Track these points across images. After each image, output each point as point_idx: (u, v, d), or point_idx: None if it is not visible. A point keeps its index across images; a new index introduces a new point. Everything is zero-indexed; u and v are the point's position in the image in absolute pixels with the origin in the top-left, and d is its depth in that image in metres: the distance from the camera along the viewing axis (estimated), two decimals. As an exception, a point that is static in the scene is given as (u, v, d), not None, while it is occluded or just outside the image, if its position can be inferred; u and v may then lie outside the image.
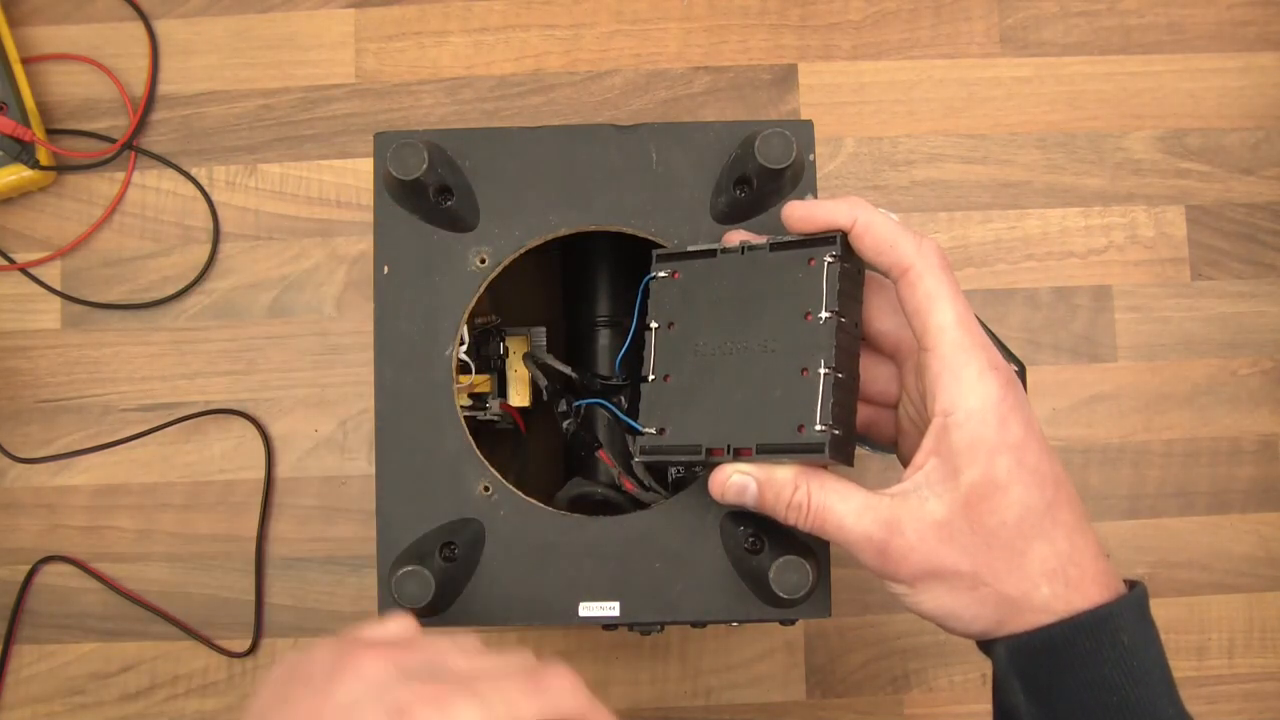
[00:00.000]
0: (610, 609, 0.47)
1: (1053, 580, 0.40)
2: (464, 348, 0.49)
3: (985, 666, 0.65)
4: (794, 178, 0.48)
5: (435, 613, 0.46)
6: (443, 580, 0.45)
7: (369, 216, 0.56)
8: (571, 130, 0.50)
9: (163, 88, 0.69)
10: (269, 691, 0.36)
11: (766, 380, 0.43)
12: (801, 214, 0.43)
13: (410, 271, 0.49)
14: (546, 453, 0.60)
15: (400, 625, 0.39)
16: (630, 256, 0.51)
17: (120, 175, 0.69)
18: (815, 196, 0.48)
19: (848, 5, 0.71)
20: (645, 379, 0.47)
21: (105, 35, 0.70)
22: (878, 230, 0.41)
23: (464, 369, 0.50)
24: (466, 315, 0.48)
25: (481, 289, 0.49)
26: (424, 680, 0.34)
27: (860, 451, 0.45)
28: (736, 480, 0.42)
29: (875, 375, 0.45)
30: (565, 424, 0.55)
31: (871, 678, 0.66)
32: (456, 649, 0.37)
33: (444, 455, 0.48)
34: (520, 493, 0.48)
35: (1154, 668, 0.39)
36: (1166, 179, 0.69)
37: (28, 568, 0.65)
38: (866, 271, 0.44)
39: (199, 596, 0.66)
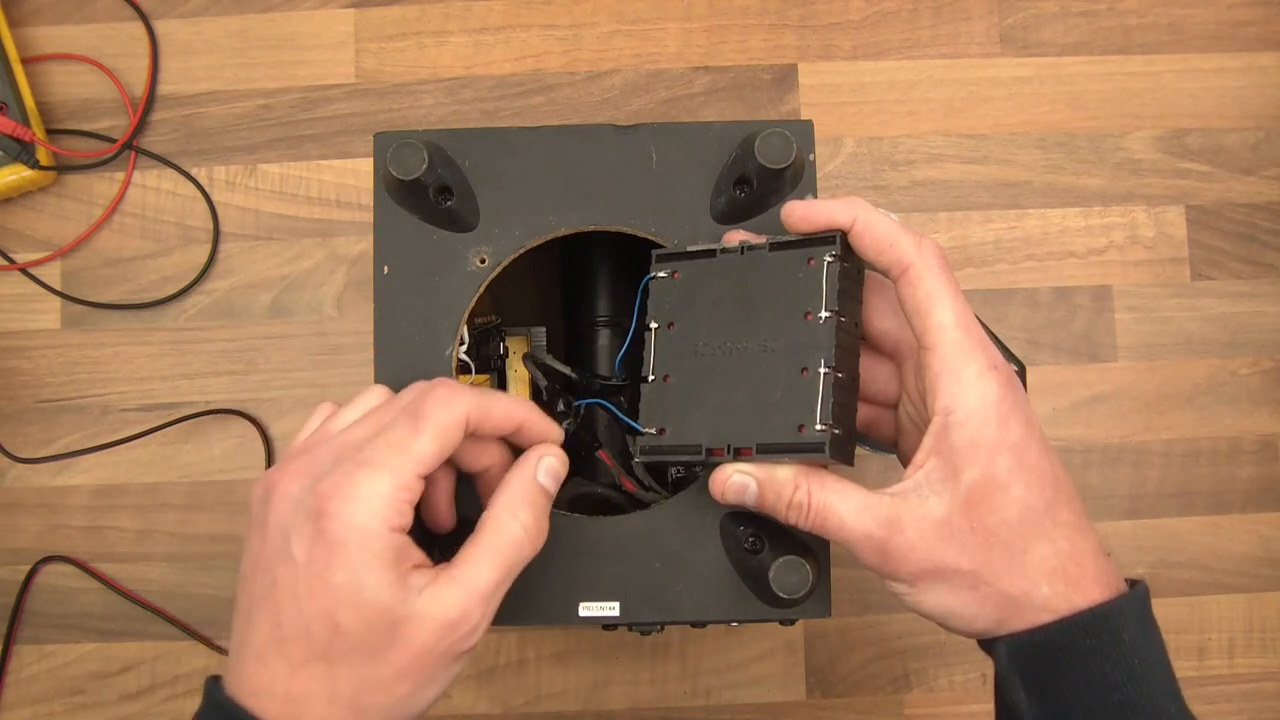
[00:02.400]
0: (610, 609, 0.47)
1: (1053, 579, 0.40)
2: (464, 348, 0.49)
3: (985, 666, 0.65)
4: (794, 178, 0.48)
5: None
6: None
7: (369, 216, 0.56)
8: (571, 130, 0.50)
9: (163, 88, 0.69)
10: (242, 559, 0.40)
11: (766, 380, 0.43)
12: (801, 213, 0.43)
13: (410, 271, 0.49)
14: (546, 453, 0.60)
15: (319, 415, 0.43)
16: (630, 256, 0.51)
17: (120, 175, 0.69)
18: (815, 196, 0.48)
19: (848, 5, 0.71)
20: (645, 379, 0.47)
21: (105, 35, 0.70)
22: (877, 229, 0.41)
23: (464, 369, 0.50)
24: (466, 315, 0.48)
25: (481, 289, 0.49)
26: (329, 473, 0.38)
27: (860, 452, 0.45)
28: (737, 480, 0.42)
29: (875, 375, 0.45)
30: (565, 424, 0.55)
31: (871, 678, 0.66)
32: (358, 424, 0.40)
33: (444, 455, 0.48)
34: (520, 493, 0.48)
35: (1155, 666, 0.39)
36: (1166, 179, 0.69)
37: (28, 568, 0.65)
38: (866, 271, 0.44)
39: (199, 596, 0.66)
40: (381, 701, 0.38)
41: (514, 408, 0.42)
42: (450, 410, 0.39)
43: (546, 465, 0.42)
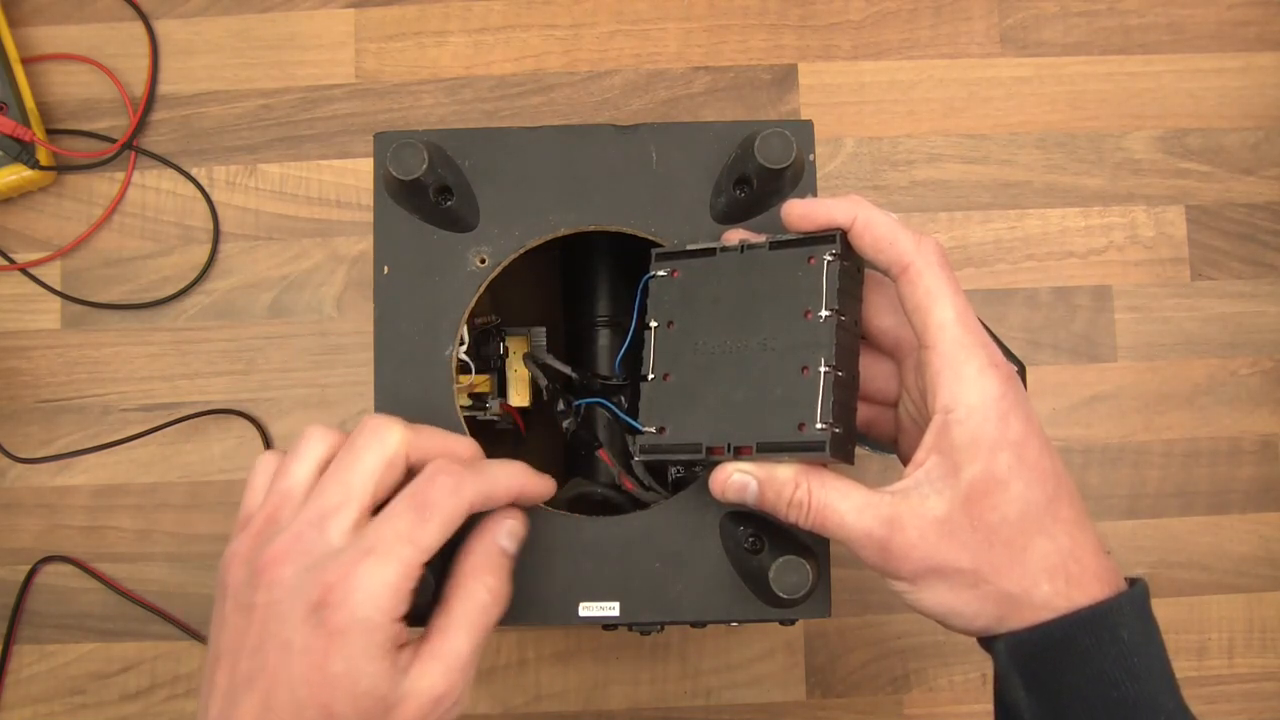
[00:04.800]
0: (610, 609, 0.47)
1: (1053, 577, 0.40)
2: (464, 348, 0.49)
3: (985, 666, 0.65)
4: (794, 178, 0.48)
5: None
6: (442, 581, 0.45)
7: (369, 216, 0.56)
8: (571, 130, 0.50)
9: (163, 88, 0.69)
10: (216, 634, 0.40)
11: (766, 379, 0.43)
12: (801, 212, 0.43)
13: (410, 271, 0.49)
14: (546, 453, 0.60)
15: (264, 470, 0.42)
16: (630, 256, 0.51)
17: (120, 175, 0.69)
18: (815, 196, 0.48)
19: (848, 5, 0.71)
20: (645, 378, 0.47)
21: (105, 35, 0.70)
22: (877, 228, 0.41)
23: (464, 369, 0.50)
24: (466, 315, 0.48)
25: (481, 289, 0.49)
26: (328, 562, 0.37)
27: (860, 451, 0.45)
28: (737, 479, 0.42)
29: (875, 373, 0.45)
30: (565, 424, 0.55)
31: (871, 678, 0.66)
32: (327, 485, 0.40)
33: (444, 455, 0.48)
34: (520, 492, 0.48)
35: (1155, 664, 0.39)
36: (1166, 179, 0.69)
37: (28, 568, 0.65)
38: (866, 269, 0.44)
39: (199, 596, 0.66)
40: None
41: (513, 481, 0.42)
42: (458, 499, 0.39)
43: (509, 529, 0.42)
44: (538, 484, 0.43)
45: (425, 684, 0.38)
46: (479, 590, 0.40)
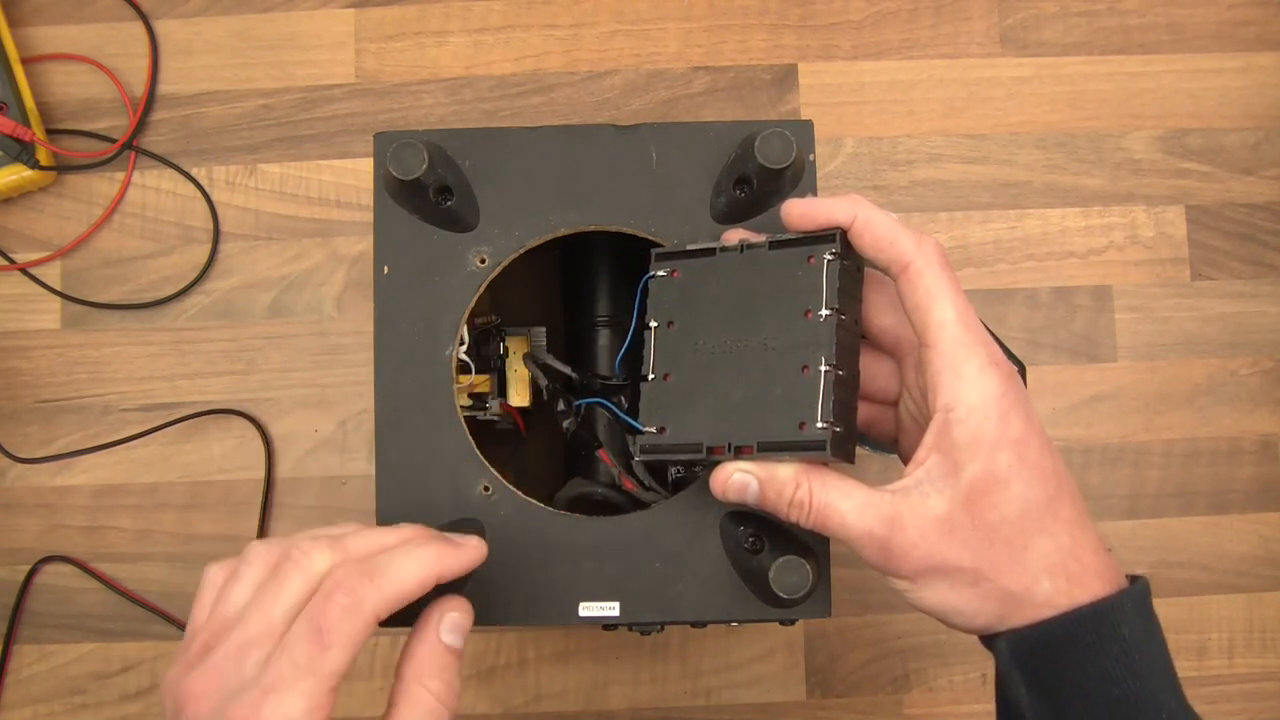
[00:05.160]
0: (610, 609, 0.47)
1: (1054, 575, 0.40)
2: (464, 348, 0.49)
3: (985, 666, 0.65)
4: (794, 178, 0.48)
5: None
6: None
7: (369, 216, 0.56)
8: (571, 130, 0.50)
9: (163, 88, 0.69)
10: None
11: (767, 378, 0.43)
12: (801, 211, 0.43)
13: (410, 271, 0.49)
14: (546, 453, 0.60)
15: (211, 584, 0.40)
16: (630, 256, 0.51)
17: (120, 175, 0.69)
18: (815, 196, 0.48)
19: (848, 5, 0.71)
20: (645, 378, 0.47)
21: (105, 35, 0.70)
22: (877, 227, 0.41)
23: (464, 369, 0.50)
24: (466, 315, 0.48)
25: (481, 289, 0.49)
26: (241, 697, 0.36)
27: (860, 451, 0.45)
28: (738, 478, 0.42)
29: (875, 372, 0.45)
30: (565, 424, 0.55)
31: (871, 678, 0.66)
32: (255, 647, 0.37)
33: (444, 455, 0.48)
34: (520, 493, 0.48)
35: (1156, 661, 0.39)
36: (1166, 179, 0.69)
37: (28, 568, 0.65)
38: (866, 269, 0.44)
39: (199, 597, 0.66)
40: None
41: (425, 569, 0.39)
42: (358, 618, 0.37)
43: (450, 622, 0.40)
44: (456, 559, 0.40)
45: None
46: (422, 694, 0.38)
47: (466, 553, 0.41)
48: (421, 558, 0.39)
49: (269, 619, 0.38)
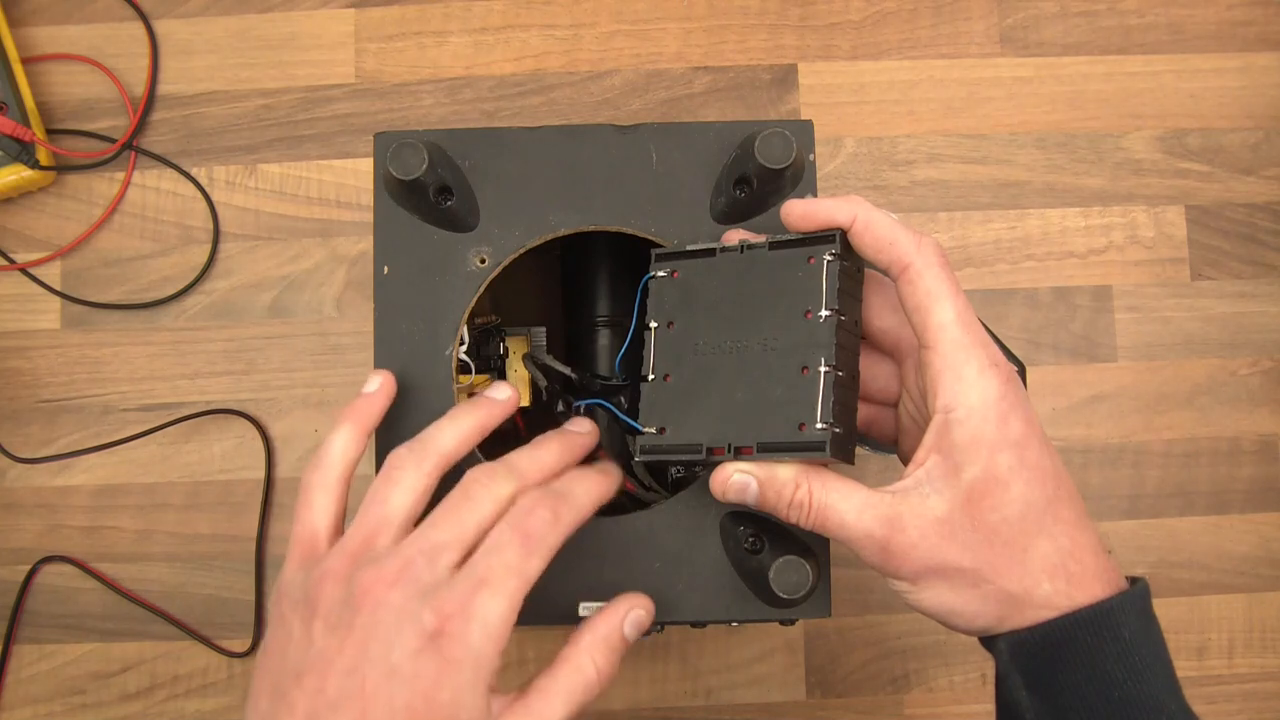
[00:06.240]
0: (610, 609, 0.47)
1: (1054, 576, 0.40)
2: (464, 348, 0.49)
3: (985, 667, 0.65)
4: (794, 178, 0.48)
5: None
6: None
7: (369, 216, 0.56)
8: (571, 130, 0.50)
9: (163, 88, 0.69)
10: (287, 649, 0.39)
11: (767, 379, 0.43)
12: (801, 211, 0.43)
13: (410, 271, 0.49)
14: (546, 453, 0.60)
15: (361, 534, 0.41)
16: (630, 256, 0.51)
17: (120, 175, 0.69)
18: (815, 196, 0.48)
19: (848, 5, 0.71)
20: (645, 378, 0.47)
21: (105, 35, 0.70)
22: (877, 228, 0.41)
23: (464, 369, 0.50)
24: (466, 315, 0.48)
25: (481, 289, 0.49)
26: (442, 592, 0.38)
27: (860, 451, 0.45)
28: (737, 479, 0.42)
29: (875, 373, 0.45)
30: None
31: (871, 678, 0.66)
32: (446, 550, 0.39)
33: (444, 455, 0.48)
34: (520, 492, 0.48)
35: (1156, 663, 0.39)
36: (1166, 179, 0.70)
37: (28, 568, 0.65)
38: (866, 269, 0.44)
39: (199, 596, 0.66)
40: None
41: (595, 495, 0.43)
42: (558, 531, 0.40)
43: (634, 619, 0.43)
44: (611, 484, 0.45)
45: None
46: (588, 666, 0.41)
47: (616, 477, 0.46)
48: (593, 482, 0.44)
49: (462, 528, 0.40)
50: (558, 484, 0.43)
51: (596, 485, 0.44)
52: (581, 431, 0.46)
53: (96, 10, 0.70)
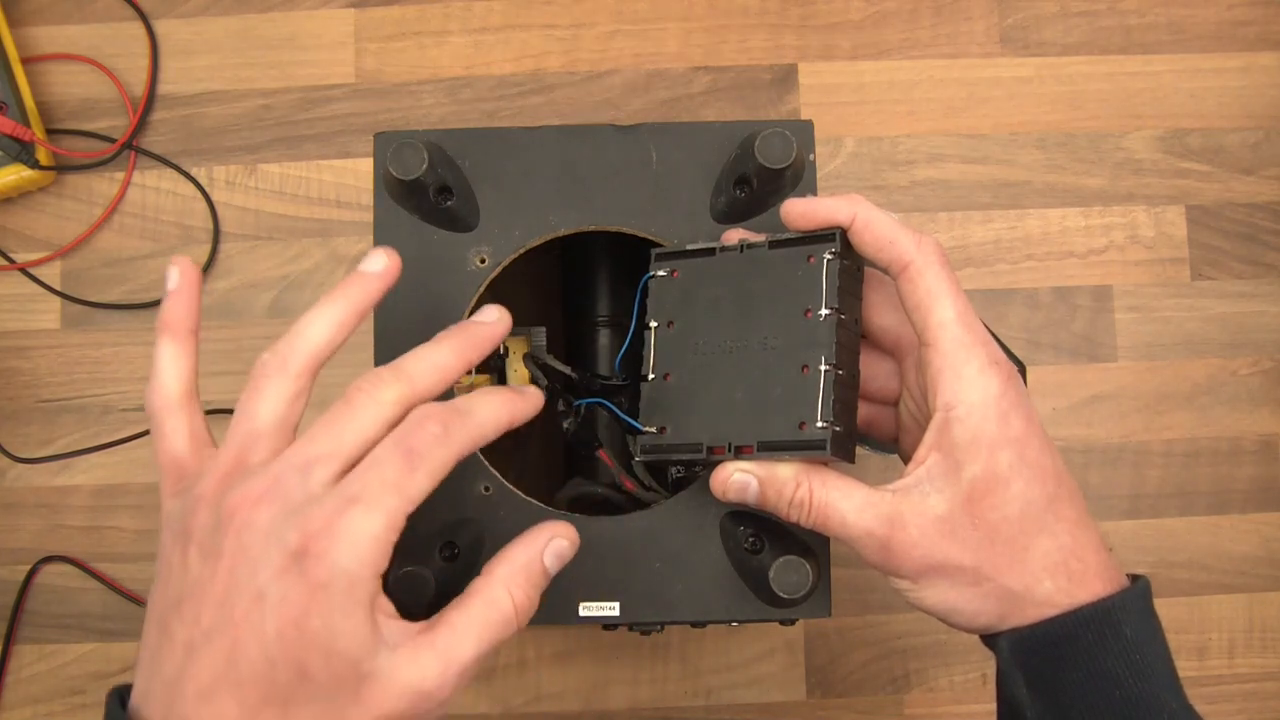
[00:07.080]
0: (610, 609, 0.47)
1: (1055, 574, 0.40)
2: (464, 347, 0.49)
3: (985, 667, 0.65)
4: (794, 178, 0.48)
5: (435, 612, 0.46)
6: (442, 580, 0.45)
7: (369, 216, 0.56)
8: (571, 130, 0.50)
9: (163, 88, 0.69)
10: (168, 581, 0.37)
11: (767, 378, 0.43)
12: (801, 210, 0.43)
13: (410, 271, 0.48)
14: (546, 453, 0.60)
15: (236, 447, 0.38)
16: (630, 256, 0.51)
17: (120, 175, 0.69)
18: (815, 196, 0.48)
19: (848, 5, 0.71)
20: (645, 378, 0.47)
21: (105, 35, 0.70)
22: (877, 226, 0.41)
23: (464, 368, 0.50)
24: (466, 315, 0.48)
25: (481, 289, 0.49)
26: (310, 509, 0.35)
27: (861, 450, 0.45)
28: (738, 478, 0.42)
29: (875, 372, 0.45)
30: (565, 424, 0.55)
31: (871, 678, 0.66)
32: (320, 464, 0.36)
33: (444, 455, 0.48)
34: (520, 493, 0.48)
35: (1157, 661, 0.39)
36: (1166, 179, 0.70)
37: (28, 568, 0.65)
38: (866, 268, 0.44)
39: (199, 597, 0.65)
40: None
41: (501, 415, 0.39)
42: (447, 449, 0.37)
43: (556, 548, 0.40)
44: (525, 404, 0.40)
45: (412, 672, 0.35)
46: (504, 599, 0.37)
47: (532, 399, 0.41)
48: (499, 402, 0.39)
49: (339, 440, 0.37)
50: (459, 400, 0.39)
51: (503, 405, 0.39)
52: (487, 321, 0.42)
53: (96, 10, 0.70)
